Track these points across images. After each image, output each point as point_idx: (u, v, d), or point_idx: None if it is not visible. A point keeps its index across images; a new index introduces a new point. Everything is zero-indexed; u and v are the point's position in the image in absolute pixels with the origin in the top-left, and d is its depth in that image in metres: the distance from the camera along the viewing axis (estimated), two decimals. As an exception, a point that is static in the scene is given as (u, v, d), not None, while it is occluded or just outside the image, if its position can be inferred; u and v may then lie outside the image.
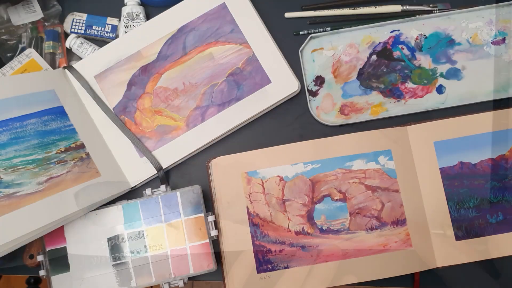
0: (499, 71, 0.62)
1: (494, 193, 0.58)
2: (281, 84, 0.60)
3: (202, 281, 0.59)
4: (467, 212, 0.58)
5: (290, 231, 0.57)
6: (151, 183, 0.61)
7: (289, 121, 0.62)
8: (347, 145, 0.58)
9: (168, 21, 0.61)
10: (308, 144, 0.59)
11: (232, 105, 0.60)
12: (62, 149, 0.55)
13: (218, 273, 0.59)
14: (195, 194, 0.57)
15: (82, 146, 0.57)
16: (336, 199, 0.58)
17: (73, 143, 0.56)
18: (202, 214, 0.56)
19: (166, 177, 0.61)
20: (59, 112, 0.57)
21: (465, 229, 0.57)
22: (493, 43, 0.62)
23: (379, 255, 0.56)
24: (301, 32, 0.63)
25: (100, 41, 0.64)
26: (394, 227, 0.57)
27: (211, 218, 0.56)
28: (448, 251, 0.57)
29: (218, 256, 0.59)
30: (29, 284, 1.01)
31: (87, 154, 0.57)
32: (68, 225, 0.57)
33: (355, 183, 0.58)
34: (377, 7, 0.63)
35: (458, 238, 0.57)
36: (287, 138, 0.62)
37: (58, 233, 0.57)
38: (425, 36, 0.63)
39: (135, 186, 0.60)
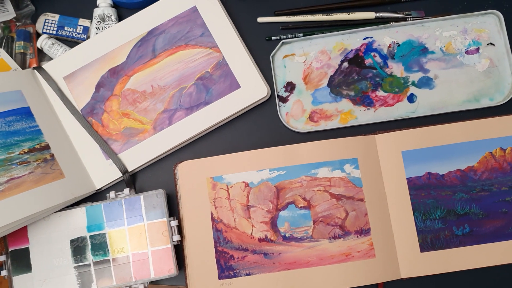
0: (471, 81, 0.61)
1: (461, 205, 0.57)
2: (250, 89, 0.60)
3: (165, 285, 0.58)
4: (433, 223, 0.57)
5: (253, 237, 0.57)
6: (117, 185, 0.61)
7: (259, 127, 0.62)
8: (313, 153, 0.58)
9: (138, 23, 0.61)
10: (274, 151, 0.58)
11: (200, 109, 0.60)
12: (26, 150, 0.55)
13: (182, 278, 0.59)
14: (158, 198, 0.57)
15: (47, 147, 0.57)
16: (300, 207, 0.57)
17: (38, 144, 0.56)
18: (165, 219, 0.56)
19: (133, 180, 0.61)
20: (25, 113, 0.57)
21: (430, 240, 0.57)
22: (467, 52, 0.62)
23: (342, 264, 0.56)
24: (273, 38, 0.63)
25: (72, 42, 0.64)
26: (357, 237, 0.56)
27: (174, 223, 0.56)
28: (413, 262, 0.56)
29: (182, 260, 0.58)
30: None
31: (52, 155, 0.57)
32: (31, 226, 0.57)
33: (320, 191, 0.57)
34: (350, 13, 0.63)
35: (423, 249, 0.56)
36: (256, 143, 0.61)
37: (21, 233, 0.57)
38: (398, 44, 0.62)
39: (100, 189, 0.60)
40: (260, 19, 0.64)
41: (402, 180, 0.58)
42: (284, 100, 0.62)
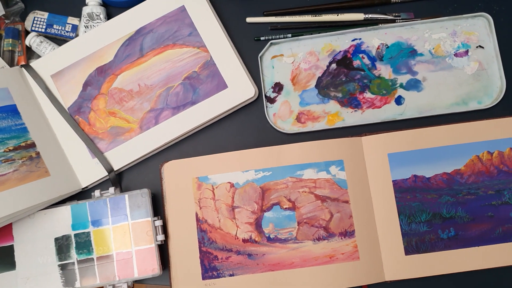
0: (460, 83, 0.61)
1: (447, 208, 0.57)
2: (237, 90, 0.60)
3: (149, 285, 0.58)
4: (418, 226, 0.57)
5: (237, 238, 0.57)
6: (104, 184, 0.61)
7: (246, 127, 0.62)
8: (299, 154, 0.58)
9: (126, 22, 0.61)
10: (260, 152, 0.58)
11: (187, 109, 0.60)
12: (11, 148, 0.55)
13: (166, 278, 0.59)
14: (143, 197, 0.56)
15: (32, 145, 0.57)
16: (285, 208, 0.57)
17: (23, 142, 0.56)
18: (149, 218, 0.56)
19: (119, 179, 0.61)
20: (11, 111, 0.57)
21: (415, 243, 0.56)
22: (456, 55, 0.61)
23: (326, 266, 0.55)
24: (262, 38, 0.63)
25: (60, 40, 0.64)
26: (342, 239, 0.56)
27: (158, 223, 0.56)
28: (397, 265, 0.56)
29: (167, 260, 0.58)
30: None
31: (37, 153, 0.57)
32: (16, 224, 0.57)
33: (305, 192, 0.57)
34: (339, 15, 0.63)
35: (408, 252, 0.56)
36: (243, 144, 0.61)
37: (6, 231, 0.57)
38: (386, 46, 0.62)
39: (86, 187, 0.60)
40: (249, 19, 0.64)
41: (387, 183, 0.57)
42: (271, 100, 0.62)
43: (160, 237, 0.56)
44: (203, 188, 0.58)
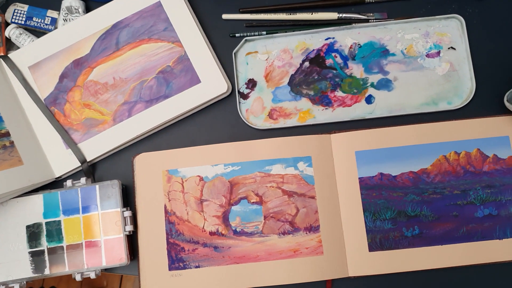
0: (431, 84, 0.61)
1: (412, 207, 0.58)
2: (210, 85, 0.61)
3: (118, 274, 0.59)
4: (383, 224, 0.57)
5: (204, 231, 0.58)
6: (77, 174, 0.62)
7: (219, 122, 0.63)
8: (268, 149, 0.59)
9: (104, 16, 0.62)
10: (230, 146, 0.59)
11: (160, 102, 0.61)
12: (-15, 136, 0.56)
13: (135, 267, 0.60)
14: (113, 188, 0.58)
15: (7, 134, 0.58)
16: (253, 202, 0.58)
17: (-2, 131, 0.58)
18: (118, 209, 0.57)
19: (92, 170, 0.62)
20: (-13, 100, 0.58)
21: (379, 240, 0.57)
22: (428, 55, 0.62)
23: (290, 260, 0.56)
24: (237, 35, 0.64)
25: (40, 33, 0.66)
26: (306, 233, 0.57)
27: (127, 214, 0.57)
28: (361, 261, 0.57)
29: (136, 250, 0.59)
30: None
31: (11, 142, 0.58)
32: (-11, 211, 0.58)
33: (273, 187, 0.58)
34: (313, 13, 0.63)
35: (371, 249, 0.57)
36: (216, 138, 0.62)
37: (-21, 218, 0.58)
38: (359, 45, 0.63)
39: (60, 177, 0.61)
40: (225, 16, 0.64)
41: (354, 180, 0.58)
42: (245, 96, 0.63)
43: (129, 228, 0.57)
44: (172, 180, 0.59)
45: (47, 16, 0.65)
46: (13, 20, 0.64)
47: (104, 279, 1.34)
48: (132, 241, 0.60)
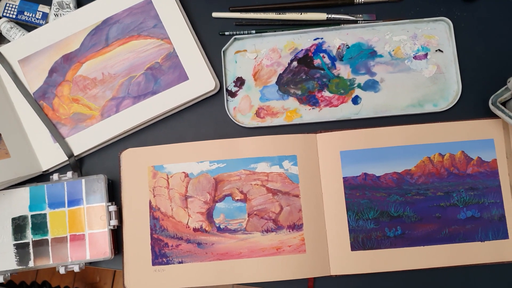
0: (417, 86, 0.62)
1: (395, 207, 0.58)
2: (198, 82, 0.61)
3: (102, 268, 0.60)
4: (366, 223, 0.58)
5: (188, 227, 0.58)
6: (65, 168, 0.63)
7: (206, 120, 0.63)
8: (254, 148, 0.59)
9: (94, 12, 0.62)
10: (216, 143, 0.59)
11: (148, 98, 0.61)
12: (-28, 128, 0.57)
13: (119, 262, 0.60)
14: (99, 183, 0.58)
15: (-6, 127, 0.58)
16: (237, 199, 0.58)
17: (-15, 123, 0.58)
18: (103, 204, 0.58)
19: (79, 165, 0.63)
20: (-25, 93, 0.59)
21: (361, 240, 0.57)
22: (415, 57, 0.62)
23: (272, 257, 0.57)
24: (227, 33, 0.64)
25: (30, 27, 0.66)
26: (290, 231, 0.57)
27: (112, 208, 0.57)
28: (343, 260, 0.57)
29: (121, 245, 0.60)
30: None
31: (-1, 135, 0.58)
32: (-25, 203, 0.58)
33: (257, 185, 0.58)
34: (302, 13, 0.64)
35: (354, 248, 0.57)
36: (202, 135, 0.63)
37: (-35, 209, 0.58)
38: (347, 46, 0.63)
39: (47, 171, 0.61)
40: (215, 14, 0.65)
41: (338, 179, 0.59)
42: (232, 94, 0.63)
43: (113, 222, 0.57)
44: (158, 176, 0.59)
45: (38, 11, 0.65)
46: (4, 14, 0.65)
47: (97, 274, 1.34)
48: (116, 235, 0.60)
